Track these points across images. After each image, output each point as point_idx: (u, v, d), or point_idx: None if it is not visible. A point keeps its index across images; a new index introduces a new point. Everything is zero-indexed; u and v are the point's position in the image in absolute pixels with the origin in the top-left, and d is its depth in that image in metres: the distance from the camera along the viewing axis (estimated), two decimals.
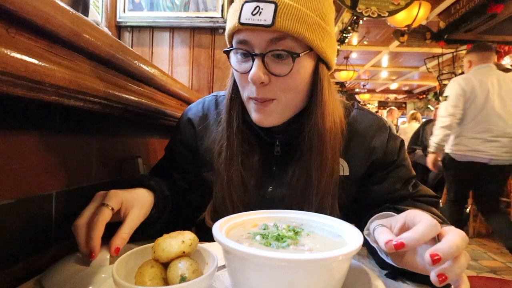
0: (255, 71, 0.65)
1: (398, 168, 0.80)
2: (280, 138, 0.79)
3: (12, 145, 0.60)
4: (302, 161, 0.75)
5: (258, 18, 0.63)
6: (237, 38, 0.68)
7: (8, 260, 0.59)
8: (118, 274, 0.43)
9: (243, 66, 0.70)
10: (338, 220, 0.56)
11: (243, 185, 0.76)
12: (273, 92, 0.68)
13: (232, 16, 0.68)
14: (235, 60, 0.71)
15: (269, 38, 0.65)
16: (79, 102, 0.64)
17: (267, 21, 0.62)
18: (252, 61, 0.66)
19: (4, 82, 0.46)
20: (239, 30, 0.67)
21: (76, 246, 0.57)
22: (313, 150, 0.72)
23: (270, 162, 0.80)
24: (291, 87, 0.69)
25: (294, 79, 0.68)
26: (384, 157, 0.79)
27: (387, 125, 0.83)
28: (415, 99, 12.94)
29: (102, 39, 0.69)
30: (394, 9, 3.57)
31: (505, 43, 5.49)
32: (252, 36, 0.66)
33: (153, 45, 1.77)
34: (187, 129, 0.88)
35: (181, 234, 0.49)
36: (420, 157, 5.19)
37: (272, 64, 0.66)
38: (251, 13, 0.63)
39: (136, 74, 0.88)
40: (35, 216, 0.65)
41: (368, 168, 0.80)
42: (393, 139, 0.81)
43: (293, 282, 0.42)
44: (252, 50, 0.67)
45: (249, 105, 0.73)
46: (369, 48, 7.35)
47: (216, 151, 0.79)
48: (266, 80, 0.66)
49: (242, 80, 0.71)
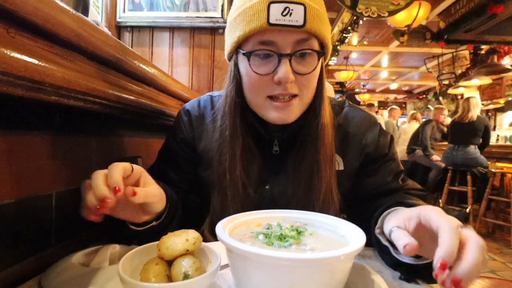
0: (285, 71, 0.66)
1: (389, 162, 0.84)
2: (279, 136, 0.80)
3: (12, 145, 0.59)
4: (305, 154, 0.76)
5: (289, 19, 0.64)
6: (260, 39, 0.68)
7: (8, 260, 0.59)
8: (124, 272, 0.43)
9: (264, 68, 0.69)
10: (342, 220, 0.56)
11: (244, 192, 0.77)
12: (297, 89, 0.70)
13: (252, 18, 0.66)
14: (254, 61, 0.69)
15: (297, 39, 0.67)
16: (79, 102, 0.64)
17: (299, 22, 0.64)
18: (278, 62, 0.67)
19: (4, 82, 0.45)
20: (264, 31, 0.67)
21: (76, 246, 0.57)
22: (318, 141, 0.74)
23: (268, 161, 0.81)
24: (311, 83, 0.72)
25: (314, 75, 0.72)
26: (376, 151, 0.83)
27: (377, 121, 0.88)
28: (415, 99, 12.93)
29: (102, 39, 0.69)
30: (394, 9, 3.57)
31: (505, 43, 5.49)
32: (280, 36, 0.66)
33: (153, 45, 1.77)
34: (187, 127, 0.87)
35: (185, 232, 0.50)
36: (420, 157, 5.20)
37: (297, 64, 0.68)
38: (281, 13, 0.64)
39: (136, 74, 0.88)
40: (35, 216, 0.65)
41: (362, 162, 0.83)
42: (383, 134, 0.85)
43: (295, 281, 0.42)
44: (278, 50, 0.67)
45: (266, 105, 0.73)
46: (369, 48, 7.36)
47: (215, 160, 0.78)
48: (294, 80, 0.68)
49: (260, 82, 0.70)
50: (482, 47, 5.84)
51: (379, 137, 0.84)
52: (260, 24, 0.66)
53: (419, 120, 5.98)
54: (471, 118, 4.16)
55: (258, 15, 0.66)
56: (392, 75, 10.45)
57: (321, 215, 0.60)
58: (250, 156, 0.78)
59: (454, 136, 4.34)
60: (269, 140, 0.81)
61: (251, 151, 0.78)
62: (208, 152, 0.82)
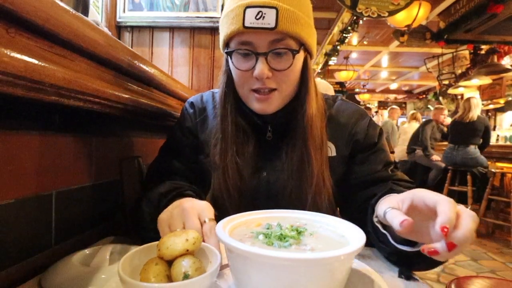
0: (261, 69, 0.73)
1: (378, 151, 0.89)
2: (272, 123, 0.87)
3: (12, 145, 0.59)
4: (296, 142, 0.82)
5: (262, 22, 0.71)
6: (239, 39, 0.75)
7: (8, 260, 0.59)
8: (124, 272, 0.43)
9: (245, 64, 0.77)
10: (342, 220, 0.56)
11: (239, 174, 0.82)
12: (275, 83, 0.77)
13: (233, 21, 0.74)
14: (237, 59, 0.78)
15: (271, 39, 0.73)
16: (79, 102, 0.64)
17: (271, 25, 0.71)
18: (256, 60, 0.74)
19: (4, 82, 0.45)
20: (242, 33, 0.74)
21: (76, 246, 0.57)
22: (306, 130, 0.81)
23: (262, 147, 0.87)
24: (289, 78, 0.78)
25: (292, 71, 0.78)
26: (365, 139, 0.89)
27: (367, 114, 0.94)
28: (415, 99, 12.94)
29: (102, 39, 0.69)
30: (394, 9, 3.57)
31: (505, 43, 5.49)
32: (255, 37, 0.74)
33: (153, 45, 1.77)
34: (191, 117, 0.94)
35: (185, 232, 0.50)
36: (420, 157, 5.20)
37: (274, 61, 0.75)
38: (254, 17, 0.71)
39: (136, 74, 0.88)
40: (35, 216, 0.65)
41: (351, 149, 0.89)
42: (373, 126, 0.91)
43: (294, 282, 0.42)
44: (255, 50, 0.74)
45: (250, 96, 0.80)
46: (369, 48, 7.36)
47: (212, 143, 0.86)
48: (270, 75, 0.75)
49: (243, 77, 0.78)
50: (482, 47, 5.84)
51: (368, 127, 0.90)
52: (237, 27, 0.73)
53: (419, 120, 5.98)
54: (471, 118, 4.16)
55: (237, 19, 0.73)
56: (392, 75, 10.45)
57: (321, 215, 0.60)
58: (243, 138, 0.84)
59: (454, 136, 4.34)
60: (263, 127, 0.87)
61: (244, 133, 0.85)
62: (208, 142, 0.88)
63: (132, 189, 0.96)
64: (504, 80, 6.85)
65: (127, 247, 0.66)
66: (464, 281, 1.14)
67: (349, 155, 0.89)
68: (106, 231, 0.92)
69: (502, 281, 1.13)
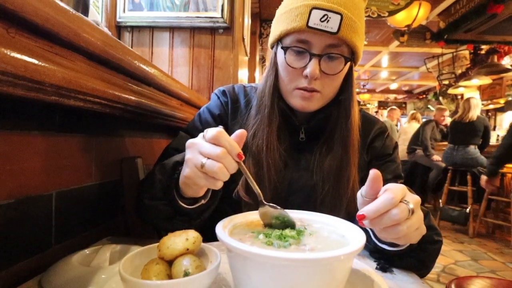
0: (313, 69, 0.76)
1: (391, 162, 0.92)
2: (306, 125, 0.89)
3: (12, 145, 0.59)
4: (333, 146, 0.84)
5: (326, 25, 0.73)
6: (298, 37, 0.77)
7: (8, 260, 0.59)
8: (125, 271, 0.44)
9: (297, 62, 0.79)
10: (342, 220, 0.56)
11: (274, 168, 0.82)
12: (320, 85, 0.79)
13: (296, 18, 0.76)
14: (289, 55, 0.79)
15: (329, 43, 0.76)
16: (79, 102, 0.64)
17: (333, 29, 0.73)
18: (309, 59, 0.76)
19: (4, 82, 0.45)
20: (303, 31, 0.76)
21: (76, 246, 0.57)
22: (349, 136, 0.83)
23: (294, 147, 0.88)
24: (334, 83, 0.81)
25: (339, 77, 0.81)
26: (381, 149, 0.92)
27: (387, 128, 0.98)
28: (415, 99, 12.93)
29: (102, 39, 0.69)
30: (394, 9, 3.57)
31: (505, 43, 5.48)
32: (315, 38, 0.76)
33: (153, 45, 1.76)
34: (224, 105, 0.93)
35: (185, 232, 0.50)
36: (420, 157, 5.20)
37: (325, 64, 0.77)
38: (319, 19, 0.73)
39: (136, 74, 0.88)
40: (35, 216, 0.65)
41: (370, 156, 0.92)
42: (390, 139, 0.95)
43: (294, 282, 0.42)
44: (310, 50, 0.77)
45: (293, 93, 0.82)
46: (369, 48, 7.35)
47: (250, 134, 0.84)
48: (319, 76, 0.77)
49: (293, 74, 0.80)
50: (482, 47, 5.84)
51: (385, 138, 0.94)
52: (300, 25, 0.75)
53: (419, 120, 5.98)
54: (471, 118, 4.16)
55: (301, 17, 0.75)
56: (392, 75, 10.45)
57: (321, 215, 0.60)
58: (282, 136, 0.86)
59: (454, 136, 4.34)
60: (296, 128, 0.89)
61: (283, 132, 0.86)
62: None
63: (133, 189, 0.96)
64: (504, 80, 6.85)
65: (127, 247, 0.66)
66: (464, 281, 1.14)
67: (369, 162, 0.91)
68: (106, 231, 0.92)
69: (502, 281, 1.13)
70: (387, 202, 0.50)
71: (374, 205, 0.50)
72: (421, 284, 0.63)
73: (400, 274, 0.66)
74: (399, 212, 0.49)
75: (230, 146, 0.54)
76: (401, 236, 0.52)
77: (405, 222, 0.51)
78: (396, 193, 0.51)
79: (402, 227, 0.50)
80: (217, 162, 0.53)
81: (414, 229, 0.53)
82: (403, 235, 0.52)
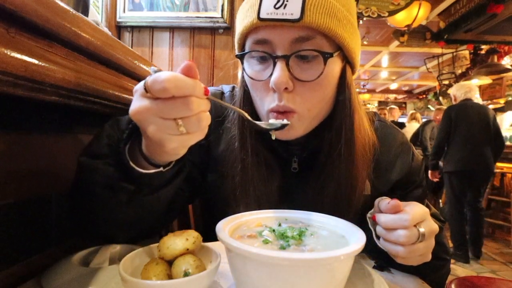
0: (278, 75, 0.55)
1: (417, 189, 0.77)
2: (298, 153, 0.70)
3: (12, 145, 0.59)
4: (327, 178, 0.65)
5: (283, 12, 0.53)
6: (254, 37, 0.58)
7: (8, 260, 0.59)
8: (125, 271, 0.44)
9: (261, 72, 0.60)
10: (342, 221, 0.56)
11: (259, 208, 0.65)
12: (296, 102, 0.58)
13: (247, 13, 0.58)
14: (251, 65, 0.61)
15: (295, 37, 0.55)
16: (79, 102, 0.64)
17: (294, 15, 0.52)
18: (274, 64, 0.57)
19: (4, 82, 0.45)
20: (257, 28, 0.57)
21: (76, 246, 0.57)
22: (342, 165, 0.63)
23: (286, 180, 0.70)
24: (317, 94, 0.59)
25: (321, 85, 0.59)
26: (407, 177, 0.75)
27: (409, 143, 0.79)
28: (415, 99, 12.93)
29: (102, 39, 0.69)
30: (394, 9, 3.57)
31: (505, 43, 5.48)
32: (274, 34, 0.56)
33: (153, 45, 1.76)
34: None
35: (185, 232, 0.50)
36: None
37: (298, 68, 0.57)
38: (273, 6, 0.54)
39: (136, 74, 0.88)
40: (35, 216, 0.65)
41: (390, 188, 0.75)
42: (416, 158, 0.77)
43: (294, 282, 0.42)
44: (273, 51, 0.58)
45: (269, 118, 0.61)
46: (369, 48, 7.35)
47: (229, 174, 0.68)
48: (291, 86, 0.57)
49: (260, 90, 0.61)
50: (482, 47, 5.84)
51: (412, 161, 0.75)
52: (249, 20, 0.57)
53: (419, 120, 5.98)
54: None
55: (251, 10, 0.57)
56: (392, 75, 10.45)
57: (322, 215, 0.60)
58: (266, 172, 0.66)
59: None
60: (287, 157, 0.70)
61: (268, 166, 0.67)
62: (224, 157, 0.70)
63: None
64: (504, 80, 6.85)
65: (127, 247, 0.66)
66: (464, 281, 1.14)
67: (388, 191, 0.74)
68: None
69: (502, 281, 1.13)
70: (400, 221, 0.48)
71: (386, 217, 0.49)
72: (420, 284, 0.63)
73: (399, 274, 0.66)
74: (406, 236, 0.47)
75: (193, 87, 0.40)
76: (399, 256, 0.50)
77: (409, 246, 0.49)
78: (414, 215, 0.48)
79: (403, 250, 0.49)
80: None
81: (416, 255, 0.50)
82: (402, 257, 0.50)
